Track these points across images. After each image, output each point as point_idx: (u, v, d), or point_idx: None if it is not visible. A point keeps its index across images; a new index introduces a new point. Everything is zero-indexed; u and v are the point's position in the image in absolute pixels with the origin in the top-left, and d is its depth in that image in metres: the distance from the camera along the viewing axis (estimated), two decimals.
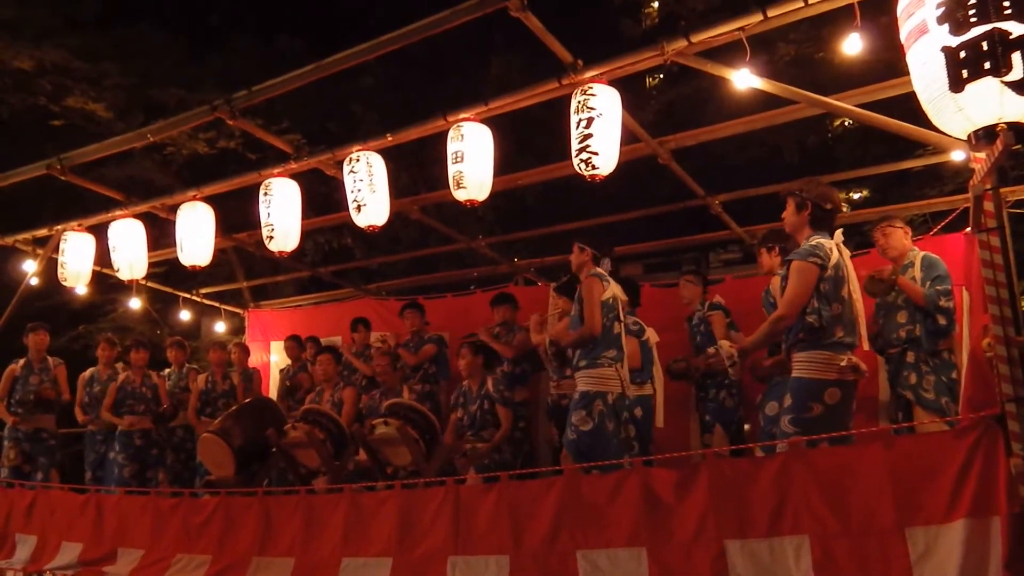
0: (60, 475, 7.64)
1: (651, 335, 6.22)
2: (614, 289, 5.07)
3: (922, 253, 5.23)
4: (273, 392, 8.75)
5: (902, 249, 5.30)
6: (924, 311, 5.02)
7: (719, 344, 4.30)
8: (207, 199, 6.78)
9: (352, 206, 5.89)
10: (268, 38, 14.91)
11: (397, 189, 6.78)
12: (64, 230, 7.54)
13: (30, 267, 8.09)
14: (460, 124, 5.36)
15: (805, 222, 4.13)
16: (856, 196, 10.60)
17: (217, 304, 10.36)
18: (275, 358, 9.60)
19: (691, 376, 6.31)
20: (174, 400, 7.92)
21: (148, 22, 13.35)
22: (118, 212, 7.19)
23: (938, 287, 4.97)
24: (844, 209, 4.21)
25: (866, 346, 4.08)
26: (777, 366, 4.94)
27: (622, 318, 5.11)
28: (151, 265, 7.58)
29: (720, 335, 6.06)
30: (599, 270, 5.07)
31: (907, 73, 3.21)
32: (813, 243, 4.01)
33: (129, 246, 7.12)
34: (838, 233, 4.09)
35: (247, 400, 6.92)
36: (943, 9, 2.88)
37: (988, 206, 3.16)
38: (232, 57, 14.10)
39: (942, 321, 4.96)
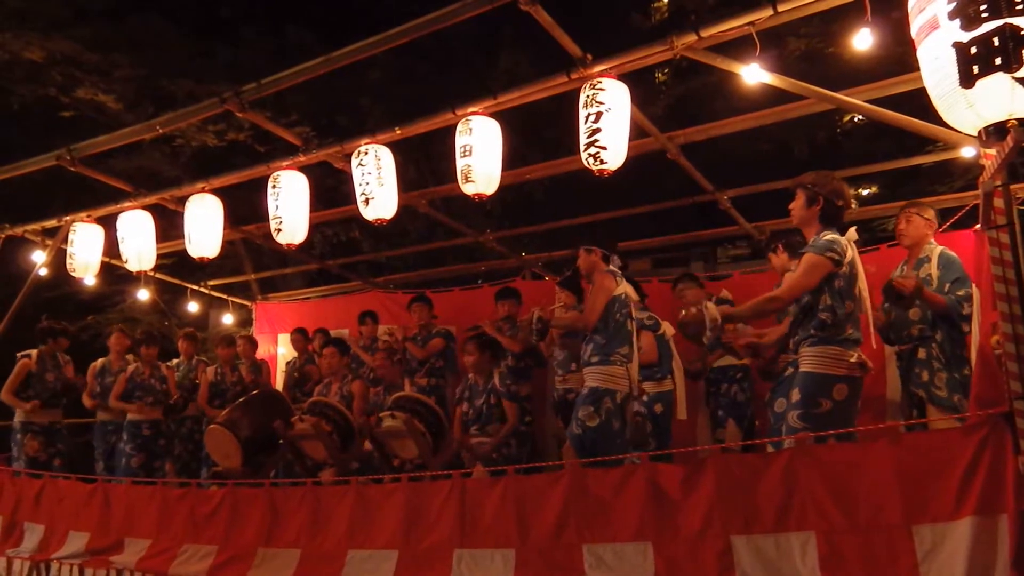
0: (70, 465, 7.67)
1: (667, 329, 6.22)
2: (626, 287, 5.07)
3: (939, 249, 5.03)
4: (280, 384, 8.78)
5: (919, 240, 5.10)
6: (943, 317, 4.85)
7: (705, 304, 4.12)
8: (216, 191, 6.79)
9: (360, 199, 5.89)
10: (278, 30, 14.92)
11: (405, 182, 6.78)
12: (73, 221, 7.56)
13: (39, 258, 8.11)
14: (469, 118, 5.36)
15: (815, 217, 4.10)
16: (865, 192, 10.57)
17: (225, 296, 10.40)
18: (282, 350, 9.64)
19: (702, 374, 6.33)
20: (183, 392, 7.96)
21: (158, 13, 13.37)
22: (127, 203, 7.21)
23: (959, 293, 4.77)
24: (854, 205, 4.16)
25: (874, 344, 4.05)
26: (779, 362, 4.92)
27: (634, 316, 5.10)
28: (159, 256, 7.60)
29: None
30: (612, 268, 5.08)
31: (917, 69, 3.19)
32: (829, 238, 3.97)
33: (138, 237, 7.14)
34: (852, 231, 4.07)
35: (255, 392, 6.95)
36: (954, 4, 2.86)
37: (998, 203, 3.14)
38: (242, 49, 14.12)
39: (965, 328, 4.80)
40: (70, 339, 7.94)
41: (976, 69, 2.80)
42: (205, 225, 6.70)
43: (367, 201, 5.86)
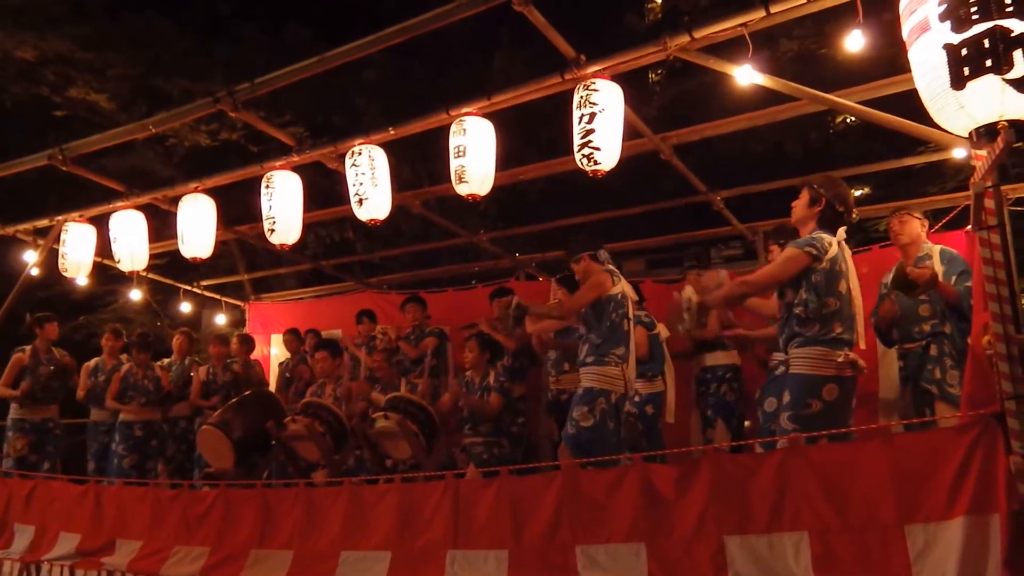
0: (63, 466, 7.64)
1: (661, 330, 6.23)
2: (624, 286, 5.05)
3: (938, 246, 5.08)
4: (273, 385, 8.76)
5: (915, 239, 5.14)
6: (953, 308, 4.85)
7: (684, 289, 4.08)
8: (209, 191, 6.78)
9: (354, 199, 5.88)
10: (276, 28, 14.89)
11: (399, 183, 6.78)
12: (65, 221, 7.54)
13: (31, 257, 8.09)
14: (463, 118, 5.36)
15: (814, 217, 4.11)
16: (858, 193, 10.58)
17: (218, 296, 10.37)
18: (275, 351, 9.62)
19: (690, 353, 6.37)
20: (177, 389, 7.93)
21: (156, 11, 13.33)
22: (119, 203, 7.18)
23: (967, 284, 4.73)
24: (855, 216, 4.18)
25: (863, 344, 4.06)
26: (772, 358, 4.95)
27: (631, 316, 5.09)
28: (152, 256, 7.57)
29: (715, 321, 6.09)
30: (610, 267, 5.07)
31: (909, 70, 3.21)
32: (812, 236, 4.01)
33: (130, 237, 7.11)
34: (840, 231, 4.09)
35: (247, 392, 6.93)
36: (945, 6, 2.88)
37: (989, 203, 3.14)
38: (239, 47, 14.08)
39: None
40: (57, 323, 7.87)
41: (967, 71, 2.82)
42: (198, 225, 6.68)
43: (361, 201, 5.85)
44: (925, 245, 5.13)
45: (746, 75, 4.70)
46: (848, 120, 10.26)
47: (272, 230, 6.28)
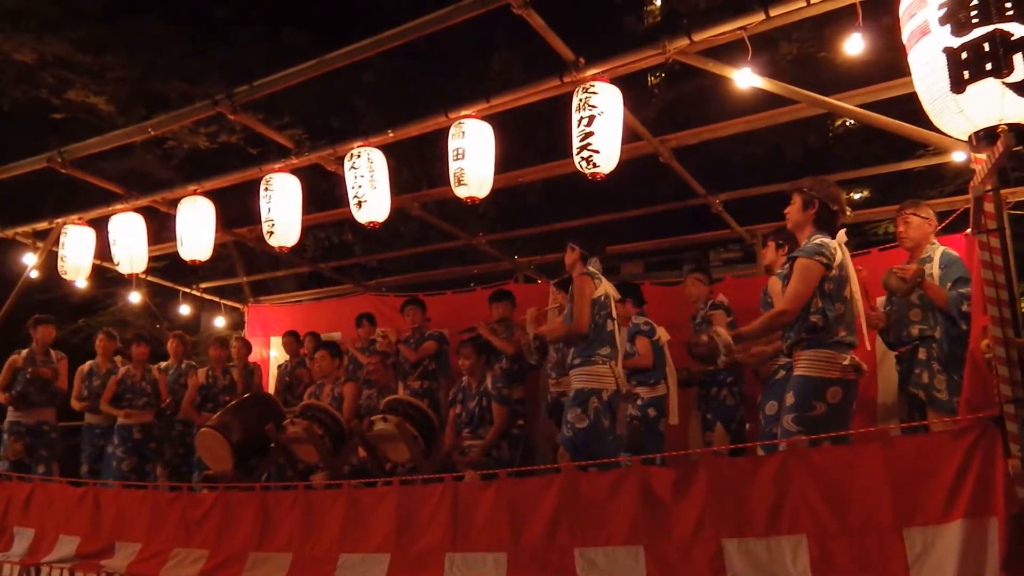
0: (59, 468, 7.63)
1: (662, 334, 6.24)
2: (606, 287, 5.07)
3: (941, 248, 4.90)
4: (272, 387, 8.76)
5: (920, 240, 4.95)
6: (944, 313, 4.72)
7: (716, 330, 4.14)
8: (208, 193, 6.78)
9: (353, 202, 5.89)
10: (274, 31, 14.91)
11: (398, 185, 6.78)
12: (64, 223, 7.54)
13: (30, 260, 8.09)
14: (461, 121, 5.36)
15: (809, 221, 4.11)
16: (857, 196, 10.61)
17: (217, 299, 10.37)
18: (274, 353, 9.61)
19: (694, 382, 6.33)
20: (176, 398, 7.92)
21: (153, 14, 13.34)
22: (118, 206, 7.19)
23: (960, 290, 4.59)
24: (848, 212, 4.16)
25: (868, 346, 4.05)
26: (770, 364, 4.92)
27: (614, 315, 5.11)
28: (151, 259, 7.58)
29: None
30: (590, 268, 5.08)
31: (908, 74, 3.22)
32: (817, 242, 3.98)
33: (129, 240, 7.12)
34: (841, 233, 4.08)
35: (246, 395, 6.92)
36: (945, 10, 2.89)
37: (988, 207, 3.14)
38: (237, 50, 14.10)
39: (964, 327, 4.57)
40: (54, 325, 7.85)
41: (967, 74, 2.83)
42: (197, 228, 6.69)
43: (360, 204, 5.85)
44: (929, 246, 4.95)
45: (745, 78, 4.71)
46: (847, 123, 10.30)
47: (271, 232, 6.28)
